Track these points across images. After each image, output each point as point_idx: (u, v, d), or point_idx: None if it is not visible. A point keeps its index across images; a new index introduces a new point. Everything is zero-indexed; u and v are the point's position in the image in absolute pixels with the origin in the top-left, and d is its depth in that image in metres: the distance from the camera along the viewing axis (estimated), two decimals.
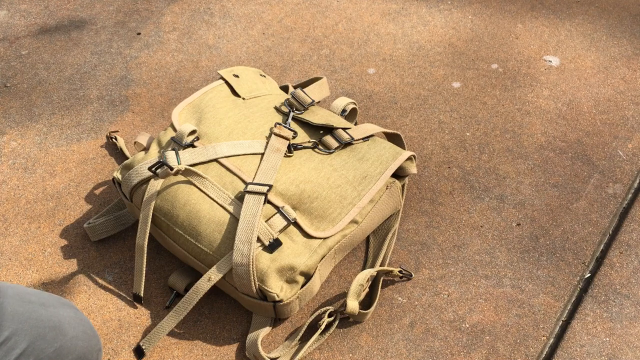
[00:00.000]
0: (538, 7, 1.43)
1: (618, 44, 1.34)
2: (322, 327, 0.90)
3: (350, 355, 0.90)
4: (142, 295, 0.94)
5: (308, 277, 0.91)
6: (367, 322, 0.93)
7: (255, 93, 1.07)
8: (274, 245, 0.88)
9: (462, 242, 1.02)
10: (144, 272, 0.94)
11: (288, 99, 1.05)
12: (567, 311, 0.94)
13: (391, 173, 0.97)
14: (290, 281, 0.88)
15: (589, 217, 1.04)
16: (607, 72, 1.28)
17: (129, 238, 1.04)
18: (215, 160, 0.95)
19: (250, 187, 0.90)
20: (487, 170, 1.12)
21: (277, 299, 0.87)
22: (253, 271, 0.86)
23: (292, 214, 0.90)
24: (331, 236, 0.92)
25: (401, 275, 0.97)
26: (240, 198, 0.91)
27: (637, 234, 1.02)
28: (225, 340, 0.92)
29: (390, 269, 0.95)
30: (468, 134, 1.18)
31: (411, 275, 0.98)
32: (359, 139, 1.00)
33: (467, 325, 0.92)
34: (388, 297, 0.96)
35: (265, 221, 0.89)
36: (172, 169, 0.89)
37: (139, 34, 1.42)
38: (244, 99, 1.05)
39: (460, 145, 1.16)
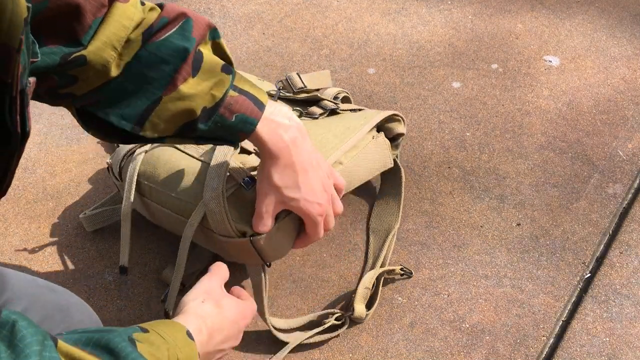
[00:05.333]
0: (538, 7, 1.43)
1: (618, 44, 1.34)
2: (326, 326, 0.90)
3: (350, 355, 0.90)
4: (127, 266, 0.94)
5: (288, 211, 0.84)
6: (367, 322, 0.93)
7: None
8: (248, 182, 0.84)
9: (462, 242, 1.02)
10: (129, 241, 0.93)
11: (281, 80, 1.06)
12: (567, 311, 0.94)
13: (374, 123, 0.96)
14: None
15: (589, 217, 1.04)
16: (607, 72, 1.28)
17: None
18: None
19: None
20: (487, 170, 1.12)
21: (253, 231, 0.82)
22: (224, 204, 0.83)
23: None
24: None
25: (402, 273, 0.97)
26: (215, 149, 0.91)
27: (637, 234, 1.02)
28: None
29: (392, 267, 0.96)
30: (468, 134, 1.18)
31: (411, 273, 0.98)
32: (345, 109, 1.01)
33: (467, 325, 0.93)
34: (388, 297, 0.96)
35: (240, 162, 0.88)
36: None
37: None
38: None
39: (460, 145, 1.16)
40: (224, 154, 0.87)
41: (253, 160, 0.87)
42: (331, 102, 1.01)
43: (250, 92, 0.72)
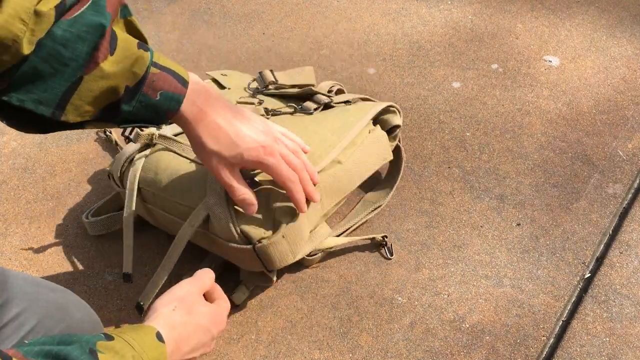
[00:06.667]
0: (538, 7, 1.43)
1: (618, 44, 1.34)
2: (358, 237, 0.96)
3: (350, 355, 0.90)
4: (131, 273, 0.93)
5: (292, 216, 0.85)
6: (367, 322, 0.93)
7: (242, 86, 1.07)
8: (251, 185, 0.83)
9: (462, 242, 1.02)
10: (132, 248, 0.93)
11: (255, 78, 1.07)
12: (567, 311, 0.94)
13: (370, 117, 0.97)
14: (275, 223, 0.85)
15: (589, 217, 1.04)
16: (607, 72, 1.28)
17: None
18: None
19: None
20: (487, 170, 1.12)
21: (261, 235, 0.83)
22: (229, 209, 0.83)
23: None
24: None
25: (380, 242, 1.00)
26: None
27: (637, 234, 1.02)
28: (225, 340, 0.92)
29: (374, 235, 0.99)
30: (468, 134, 1.18)
31: (391, 253, 1.00)
32: (339, 102, 1.01)
33: (467, 325, 0.92)
34: (388, 297, 0.96)
35: None
36: (142, 130, 0.90)
37: None
38: (229, 89, 1.06)
39: (460, 145, 1.16)
40: None
41: None
42: (324, 95, 1.01)
43: (171, 69, 0.69)
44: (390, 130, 1.02)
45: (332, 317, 0.94)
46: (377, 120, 1.01)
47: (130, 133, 0.93)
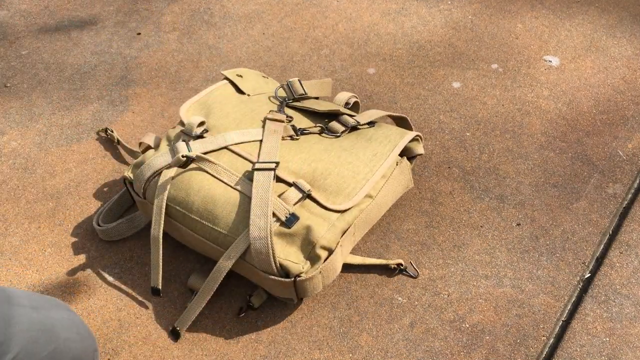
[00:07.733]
0: (538, 7, 1.43)
1: (618, 44, 1.34)
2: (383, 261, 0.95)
3: (350, 355, 0.90)
4: (160, 288, 0.94)
5: (330, 252, 0.89)
6: (367, 322, 0.93)
7: (259, 90, 1.08)
8: (291, 220, 0.87)
9: (462, 242, 1.02)
10: (161, 264, 0.93)
11: (282, 85, 1.07)
12: (567, 311, 0.94)
13: (400, 150, 0.97)
14: (312, 255, 0.87)
15: (589, 217, 1.04)
16: (607, 72, 1.28)
17: (128, 238, 1.04)
18: (226, 147, 0.96)
19: (258, 165, 0.91)
20: (487, 170, 1.12)
21: (300, 270, 0.86)
22: (271, 244, 0.85)
23: (307, 186, 0.89)
24: (348, 209, 0.90)
25: (401, 269, 0.98)
26: (251, 178, 0.91)
27: (637, 234, 1.02)
28: (225, 340, 0.92)
29: (387, 262, 0.97)
30: (468, 134, 1.18)
31: (415, 275, 0.98)
32: (364, 124, 1.01)
33: (467, 325, 0.92)
34: (388, 297, 0.96)
35: (279, 196, 0.89)
36: (184, 156, 0.91)
37: (139, 34, 1.42)
38: (249, 95, 1.06)
39: (460, 145, 1.16)
40: (265, 187, 0.88)
41: (293, 195, 0.89)
42: (350, 116, 1.02)
43: None
44: (411, 158, 1.04)
45: (332, 317, 0.94)
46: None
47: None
